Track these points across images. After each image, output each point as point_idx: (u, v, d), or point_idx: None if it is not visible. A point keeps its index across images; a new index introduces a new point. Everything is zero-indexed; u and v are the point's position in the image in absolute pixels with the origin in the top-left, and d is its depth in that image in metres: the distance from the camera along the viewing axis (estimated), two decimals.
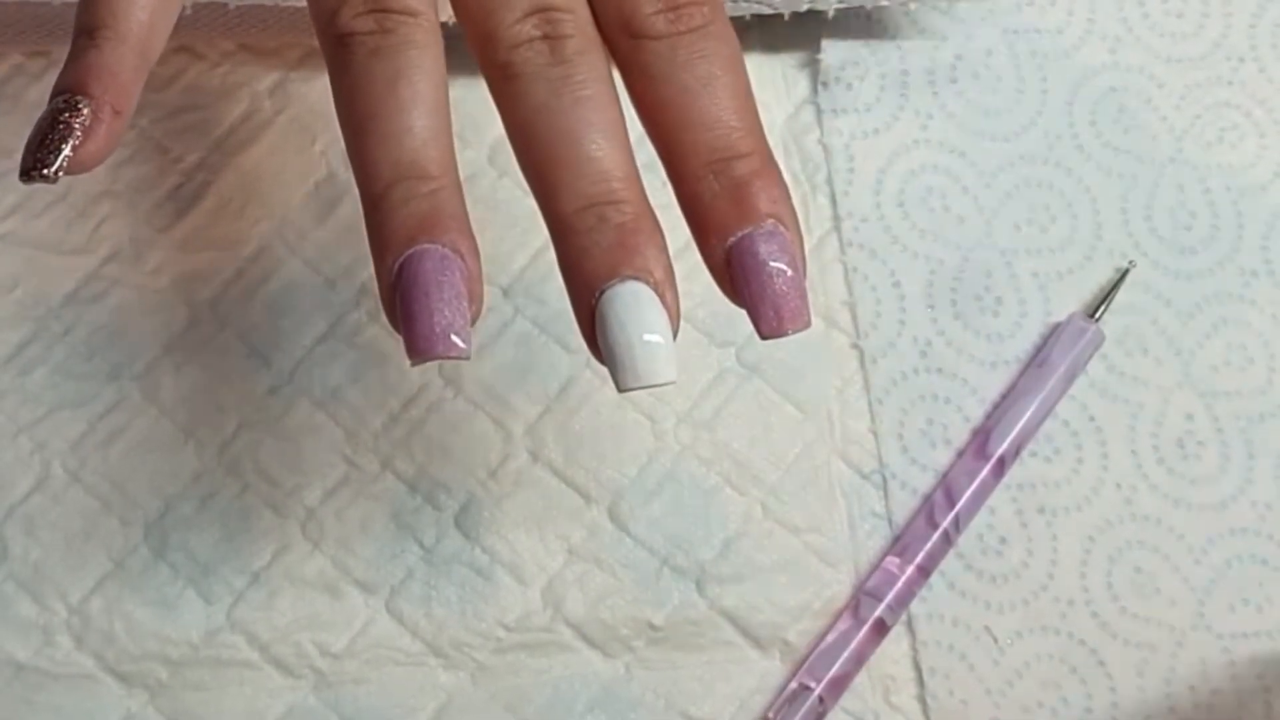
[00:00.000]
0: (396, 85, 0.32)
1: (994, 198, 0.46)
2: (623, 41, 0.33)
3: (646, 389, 0.31)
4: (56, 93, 0.32)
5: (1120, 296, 0.45)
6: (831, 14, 0.46)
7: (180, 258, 0.45)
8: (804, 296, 0.32)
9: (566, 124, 0.32)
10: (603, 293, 0.31)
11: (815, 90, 0.47)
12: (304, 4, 0.43)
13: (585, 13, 0.33)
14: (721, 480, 0.43)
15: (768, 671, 0.41)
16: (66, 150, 0.31)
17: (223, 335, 0.44)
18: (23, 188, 0.45)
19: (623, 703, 0.41)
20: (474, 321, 0.32)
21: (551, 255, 0.44)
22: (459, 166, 0.33)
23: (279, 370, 0.43)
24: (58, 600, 0.41)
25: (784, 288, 0.32)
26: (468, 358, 0.31)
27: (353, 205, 0.45)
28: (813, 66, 0.47)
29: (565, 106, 0.32)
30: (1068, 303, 0.45)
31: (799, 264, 0.32)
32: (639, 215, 0.32)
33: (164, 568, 0.42)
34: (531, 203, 0.36)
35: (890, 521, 0.43)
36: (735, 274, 0.32)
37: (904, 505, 0.43)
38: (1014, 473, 0.43)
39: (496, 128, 0.45)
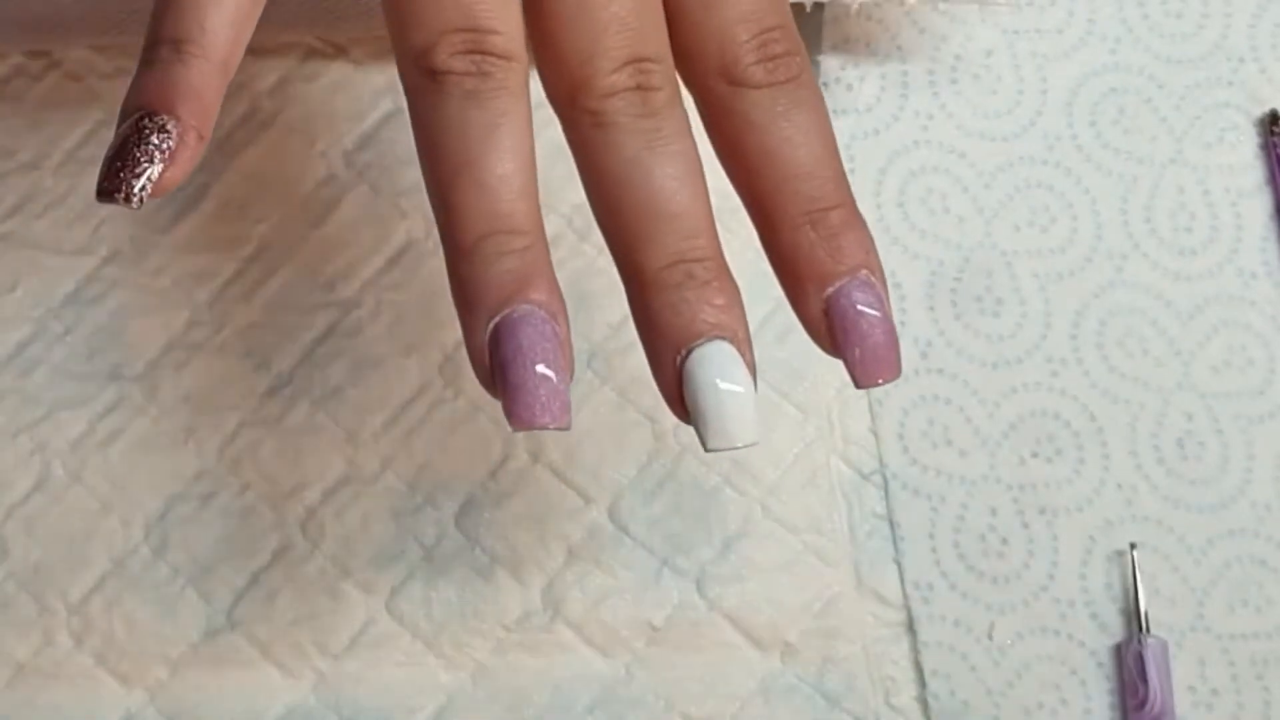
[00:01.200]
0: (496, 134, 0.31)
1: (994, 198, 0.46)
2: (720, 88, 0.33)
3: (732, 449, 0.32)
4: (137, 107, 0.30)
5: (1121, 296, 0.45)
6: (830, 16, 0.46)
7: (180, 258, 0.45)
8: (897, 345, 0.33)
9: (659, 180, 0.32)
10: (690, 351, 0.32)
11: None
12: (306, 4, 0.43)
13: (671, 62, 0.33)
14: (721, 480, 0.43)
15: (768, 672, 0.41)
16: (152, 173, 0.30)
17: (223, 335, 0.44)
18: (23, 188, 0.45)
19: (623, 703, 0.41)
20: (570, 384, 0.32)
21: (554, 257, 0.44)
22: None
23: (279, 370, 0.43)
24: (58, 600, 0.41)
25: (881, 337, 0.32)
26: (569, 428, 0.31)
27: (353, 205, 0.45)
28: (813, 67, 0.47)
29: (658, 161, 0.32)
30: (1068, 303, 0.45)
31: (889, 313, 0.33)
32: (722, 273, 0.32)
33: (164, 567, 0.42)
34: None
35: (891, 522, 0.43)
36: (834, 324, 0.32)
37: (904, 505, 0.43)
38: (1014, 473, 0.43)
39: None
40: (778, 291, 0.45)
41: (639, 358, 0.44)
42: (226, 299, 0.44)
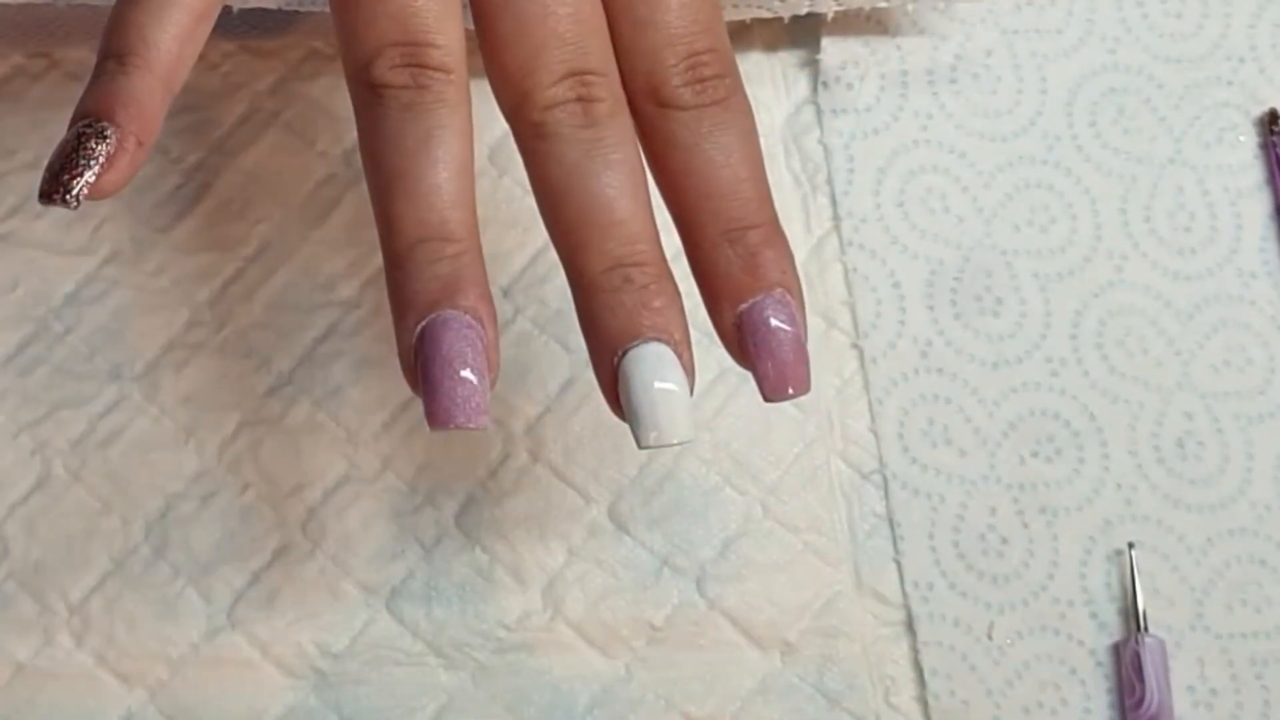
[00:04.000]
0: (429, 145, 0.33)
1: (994, 198, 0.46)
2: (649, 108, 0.34)
3: (664, 447, 0.33)
4: (81, 116, 0.32)
5: (1120, 296, 0.45)
6: (830, 16, 0.46)
7: (180, 258, 0.45)
8: (806, 361, 0.34)
9: (597, 187, 0.33)
10: (626, 352, 0.33)
11: (815, 90, 0.47)
12: (306, 7, 0.43)
13: (616, 75, 0.34)
14: (721, 480, 0.43)
15: (768, 671, 0.41)
16: (88, 177, 0.31)
17: (223, 335, 0.44)
18: (23, 188, 0.45)
19: (623, 703, 0.41)
20: (493, 380, 0.33)
21: (552, 255, 0.44)
22: None
23: (279, 370, 0.43)
24: (58, 599, 0.41)
25: (789, 354, 0.33)
26: (486, 428, 0.32)
27: (353, 205, 0.45)
28: (813, 66, 0.47)
29: (597, 170, 0.33)
30: (1068, 302, 0.45)
31: (802, 330, 0.34)
32: (661, 277, 0.33)
33: (164, 567, 0.42)
34: (532, 203, 0.36)
35: (890, 521, 0.43)
36: (745, 339, 0.34)
37: (904, 505, 0.43)
38: (1014, 473, 0.43)
39: (496, 128, 0.45)
40: None
41: None
42: (227, 299, 0.44)
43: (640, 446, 0.33)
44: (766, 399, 0.34)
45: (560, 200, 0.33)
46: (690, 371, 0.33)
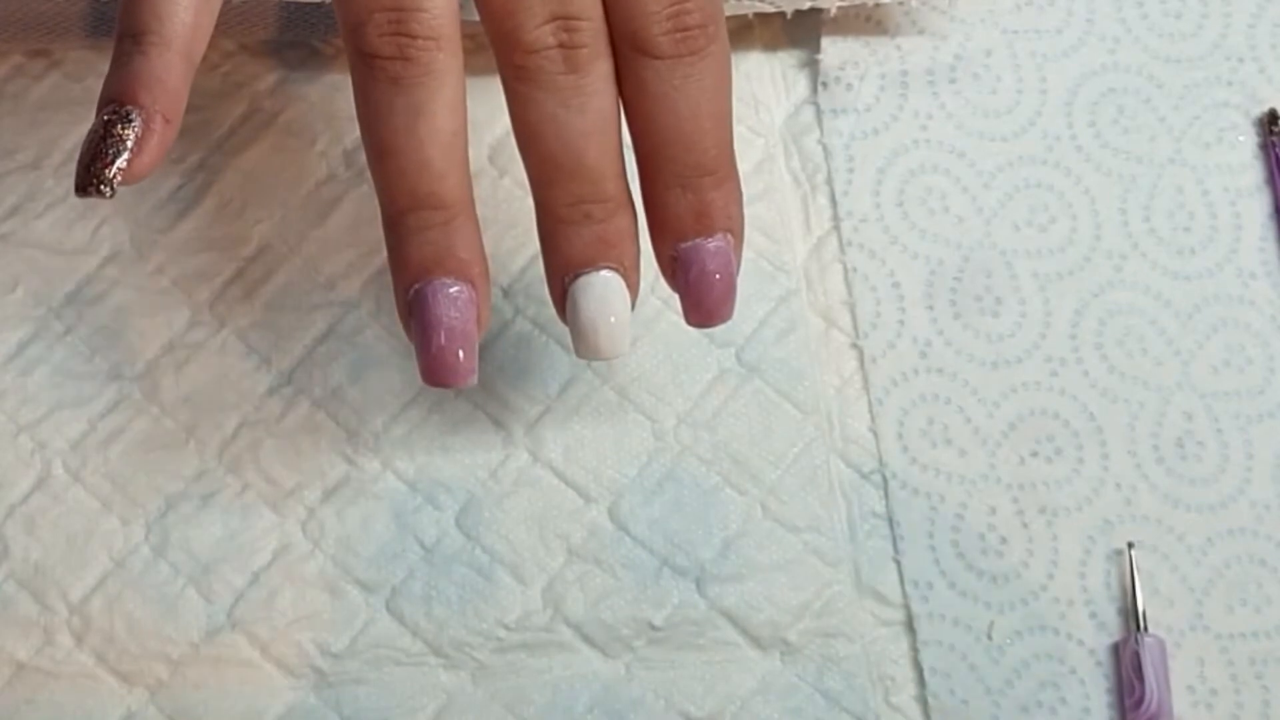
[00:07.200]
0: (416, 123, 0.34)
1: (994, 198, 0.46)
2: (627, 52, 0.35)
3: (598, 360, 0.38)
4: (105, 102, 0.32)
5: (1120, 296, 0.45)
6: (833, 13, 0.46)
7: (181, 258, 0.45)
8: (733, 296, 0.37)
9: (569, 135, 0.34)
10: (577, 276, 0.35)
11: (815, 90, 0.47)
12: (304, 0, 0.43)
13: (600, 18, 0.35)
14: (721, 480, 0.43)
15: (768, 671, 0.41)
16: (120, 163, 0.32)
17: (223, 335, 0.44)
18: (23, 188, 0.45)
19: (623, 703, 0.41)
20: (482, 333, 0.35)
21: None
22: None
23: (279, 370, 0.43)
24: (58, 599, 0.41)
25: (719, 294, 0.36)
26: (474, 383, 0.36)
27: (353, 205, 0.45)
28: (813, 66, 0.47)
29: (571, 117, 0.34)
30: (1067, 302, 0.45)
31: (734, 269, 0.36)
32: (620, 210, 0.36)
33: (164, 567, 0.42)
34: (531, 203, 0.37)
35: (890, 521, 0.43)
36: (680, 273, 0.36)
37: (904, 505, 0.43)
38: (1014, 472, 0.43)
39: (497, 128, 0.45)
40: (778, 291, 0.45)
41: (638, 357, 0.44)
42: (226, 299, 0.44)
43: (578, 357, 0.37)
44: (691, 324, 0.37)
45: (535, 142, 0.35)
46: (635, 292, 0.36)
